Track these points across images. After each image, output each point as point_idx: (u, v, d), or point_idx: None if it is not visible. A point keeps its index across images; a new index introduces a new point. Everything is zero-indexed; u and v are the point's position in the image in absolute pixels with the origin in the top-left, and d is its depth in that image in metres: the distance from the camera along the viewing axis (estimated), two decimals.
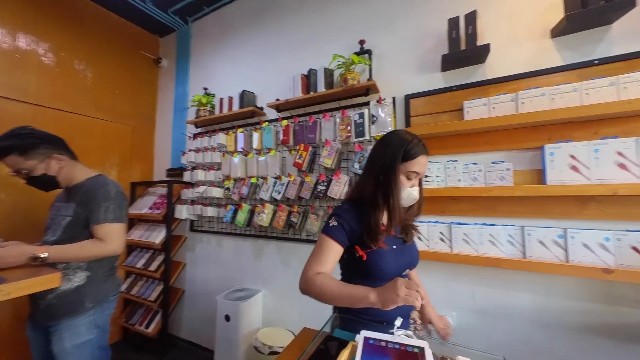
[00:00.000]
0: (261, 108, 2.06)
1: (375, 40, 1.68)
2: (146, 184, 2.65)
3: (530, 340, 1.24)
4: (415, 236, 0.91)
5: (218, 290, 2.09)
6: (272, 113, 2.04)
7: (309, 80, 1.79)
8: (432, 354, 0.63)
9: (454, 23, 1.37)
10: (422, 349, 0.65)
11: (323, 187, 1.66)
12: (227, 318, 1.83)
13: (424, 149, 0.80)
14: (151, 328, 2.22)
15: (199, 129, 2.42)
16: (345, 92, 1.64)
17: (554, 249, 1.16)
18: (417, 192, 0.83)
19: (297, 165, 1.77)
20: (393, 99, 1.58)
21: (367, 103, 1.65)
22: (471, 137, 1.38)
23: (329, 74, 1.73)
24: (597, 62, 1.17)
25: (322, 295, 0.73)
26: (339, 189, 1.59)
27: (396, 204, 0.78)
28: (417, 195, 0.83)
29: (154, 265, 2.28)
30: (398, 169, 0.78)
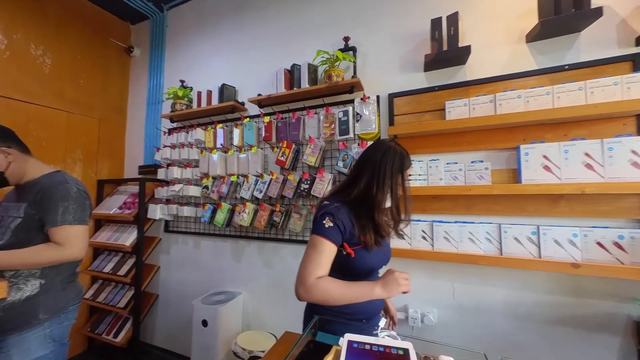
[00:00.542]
0: (242, 103, 1.98)
1: (360, 38, 1.67)
2: (115, 182, 2.46)
3: (507, 333, 1.29)
4: (393, 234, 0.95)
5: (195, 294, 1.99)
6: (253, 109, 1.96)
7: (292, 75, 1.74)
8: (415, 355, 0.62)
9: (436, 24, 1.39)
10: (407, 351, 0.64)
11: (306, 186, 1.62)
12: (205, 323, 1.74)
13: (410, 160, 0.92)
14: (120, 337, 2.07)
15: (174, 124, 2.28)
16: (329, 89, 1.61)
17: (528, 245, 1.21)
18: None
19: (279, 163, 1.71)
20: (377, 97, 1.57)
21: (351, 101, 1.63)
22: (452, 136, 1.40)
23: (312, 69, 1.69)
24: (567, 67, 1.24)
25: (328, 299, 0.75)
26: (323, 187, 1.56)
27: (408, 205, 0.87)
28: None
29: (123, 270, 2.12)
30: (403, 177, 0.86)
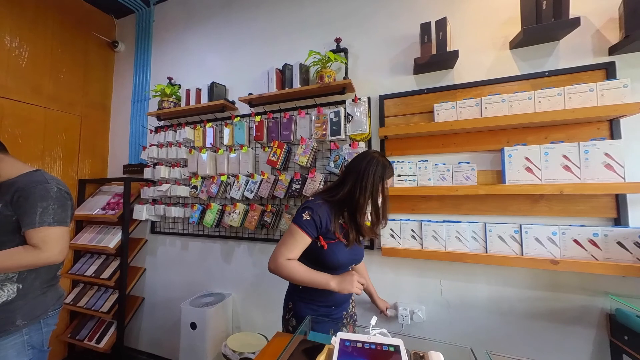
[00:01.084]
0: (233, 102, 1.96)
1: (351, 40, 1.68)
2: (98, 182, 2.36)
3: (492, 327, 1.34)
4: (367, 239, 1.10)
5: (183, 297, 1.94)
6: (244, 108, 1.94)
7: (283, 75, 1.74)
8: (406, 351, 0.64)
9: (426, 28, 1.43)
10: (397, 347, 0.66)
11: (298, 186, 1.62)
12: (193, 326, 1.71)
13: (393, 169, 1.03)
14: (103, 342, 1.99)
15: (161, 122, 2.22)
16: (321, 90, 1.62)
17: (511, 243, 1.26)
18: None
19: (271, 163, 1.71)
20: (368, 98, 1.60)
21: (343, 101, 1.65)
22: (441, 138, 1.44)
23: (304, 70, 1.69)
24: (547, 73, 1.30)
25: (291, 278, 0.92)
26: (314, 187, 1.56)
27: (385, 211, 1.00)
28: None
29: (107, 273, 2.04)
30: (383, 184, 0.96)
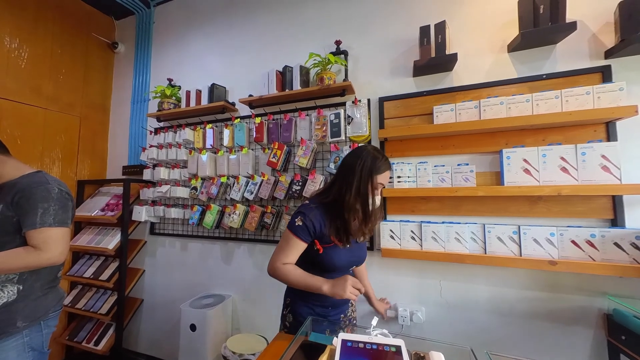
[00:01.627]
0: (233, 103, 1.96)
1: (351, 42, 1.70)
2: (97, 183, 2.36)
3: (491, 328, 1.35)
4: (367, 238, 1.04)
5: (183, 298, 1.94)
6: (244, 109, 1.95)
7: (284, 77, 1.75)
8: (407, 351, 0.65)
9: (425, 31, 1.44)
10: (399, 348, 0.67)
11: (298, 187, 1.62)
12: (193, 327, 1.70)
13: (389, 164, 0.96)
14: (102, 344, 1.98)
15: (161, 123, 2.22)
16: (321, 92, 1.63)
17: (510, 244, 1.27)
18: (379, 200, 0.98)
19: (271, 164, 1.71)
20: (368, 100, 1.61)
21: (343, 103, 1.66)
22: (440, 140, 1.46)
23: (304, 72, 1.71)
24: (545, 76, 1.32)
25: (286, 281, 0.92)
26: (314, 188, 1.57)
27: (372, 211, 0.93)
28: (379, 202, 0.98)
29: (106, 274, 2.03)
30: (373, 181, 0.91)
